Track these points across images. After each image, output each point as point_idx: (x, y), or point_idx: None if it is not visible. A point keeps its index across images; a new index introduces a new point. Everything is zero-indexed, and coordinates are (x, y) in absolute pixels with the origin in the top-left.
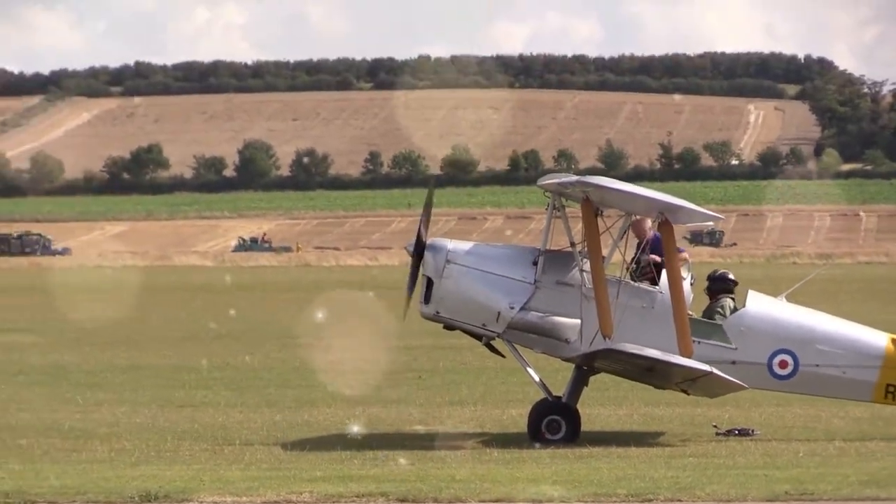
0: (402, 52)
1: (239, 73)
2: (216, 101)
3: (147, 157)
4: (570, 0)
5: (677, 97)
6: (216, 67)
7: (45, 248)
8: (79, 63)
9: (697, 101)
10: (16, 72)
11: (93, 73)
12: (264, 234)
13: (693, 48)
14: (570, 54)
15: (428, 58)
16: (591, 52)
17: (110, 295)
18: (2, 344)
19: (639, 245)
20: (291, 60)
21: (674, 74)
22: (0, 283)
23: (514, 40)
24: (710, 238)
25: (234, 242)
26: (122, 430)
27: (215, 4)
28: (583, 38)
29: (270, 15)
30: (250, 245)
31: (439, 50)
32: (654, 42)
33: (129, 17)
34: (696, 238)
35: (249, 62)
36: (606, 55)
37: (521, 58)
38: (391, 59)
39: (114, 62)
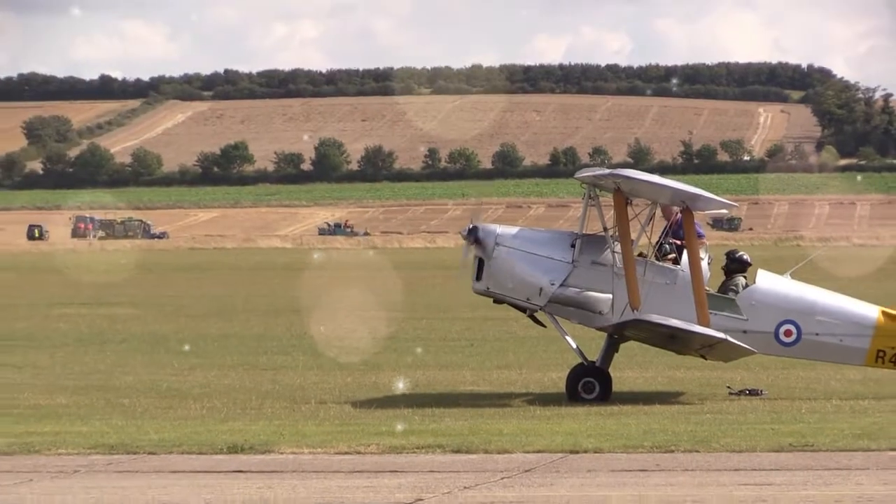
0: (457, 61)
1: (314, 80)
2: (295, 104)
3: (234, 153)
4: (603, 16)
5: (697, 101)
6: (294, 75)
7: (145, 232)
8: (174, 71)
9: (714, 105)
10: (119, 78)
11: (187, 79)
12: (346, 220)
13: (710, 59)
14: (603, 64)
15: (480, 66)
16: (622, 62)
17: (202, 273)
18: (108, 316)
19: (666, 227)
20: (360, 69)
21: (693, 82)
22: (105, 264)
23: (555, 52)
24: (730, 224)
25: (320, 226)
26: (212, 390)
27: (293, 20)
28: (614, 49)
29: (341, 29)
30: (334, 229)
31: (489, 59)
32: (676, 53)
33: (218, 30)
34: (717, 224)
35: (324, 70)
36: (635, 65)
37: (561, 67)
38: (448, 68)
39: (205, 70)
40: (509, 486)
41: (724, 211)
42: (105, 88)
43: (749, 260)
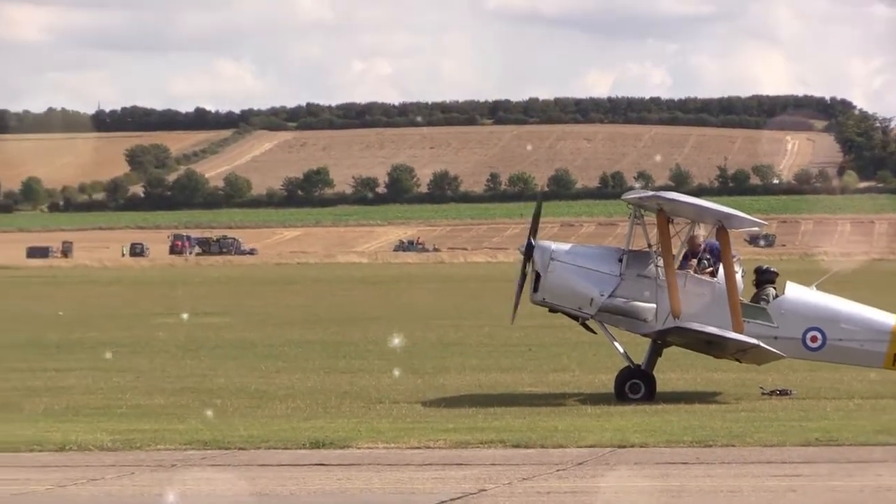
0: (516, 94)
1: (388, 111)
2: (370, 133)
3: (316, 178)
4: (645, 54)
5: (731, 130)
6: (370, 107)
7: (236, 248)
8: (262, 104)
9: (747, 134)
10: (212, 110)
11: (273, 112)
12: (418, 238)
13: (743, 92)
14: (646, 97)
15: (536, 99)
16: (664, 95)
17: (287, 286)
18: (203, 324)
19: (693, 254)
20: (429, 101)
21: (728, 112)
22: (202, 276)
23: (603, 86)
24: (766, 240)
25: (396, 244)
26: (295, 391)
27: (369, 57)
28: (656, 83)
29: (412, 66)
30: (408, 246)
31: (544, 93)
32: (712, 87)
33: (301, 67)
34: (754, 241)
35: (396, 103)
36: (675, 97)
37: (609, 99)
38: (507, 101)
39: (290, 103)
40: (564, 478)
41: (756, 228)
42: (200, 120)
43: (776, 271)
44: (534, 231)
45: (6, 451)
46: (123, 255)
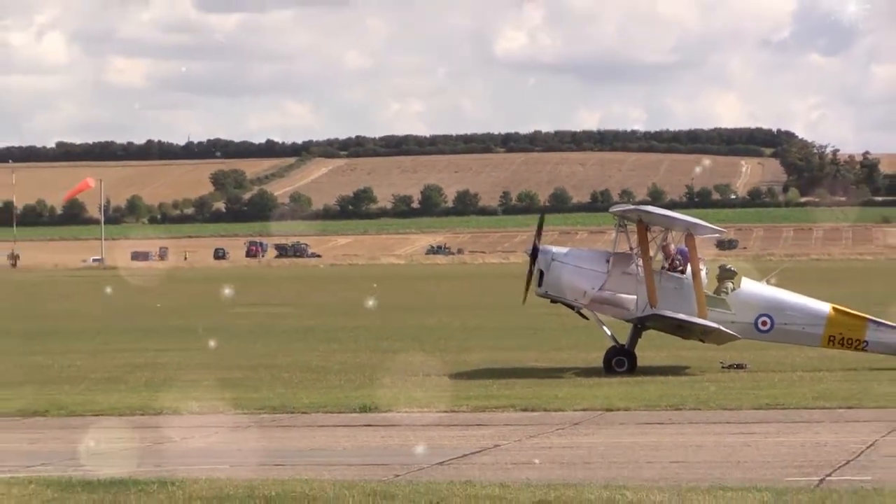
0: (523, 128)
1: (420, 142)
2: (406, 160)
3: (363, 196)
4: (626, 95)
5: (696, 156)
6: (405, 139)
7: (305, 252)
8: (320, 136)
9: (709, 160)
10: (280, 142)
11: (328, 143)
12: (444, 243)
13: (706, 125)
14: (628, 129)
15: (539, 132)
16: (641, 129)
17: (340, 282)
18: (272, 314)
19: (671, 251)
20: (453, 134)
21: (694, 142)
22: (278, 275)
23: (592, 121)
24: (729, 245)
25: (427, 248)
26: (347, 367)
27: (403, 98)
28: (635, 119)
29: (438, 105)
30: (437, 250)
31: (546, 126)
32: (680, 121)
33: (350, 106)
34: (721, 245)
35: (427, 135)
36: (651, 130)
37: (598, 132)
38: (516, 133)
39: (342, 135)
40: (562, 436)
41: (717, 234)
42: (270, 149)
43: (734, 269)
44: (538, 237)
45: (116, 415)
46: (184, 258)
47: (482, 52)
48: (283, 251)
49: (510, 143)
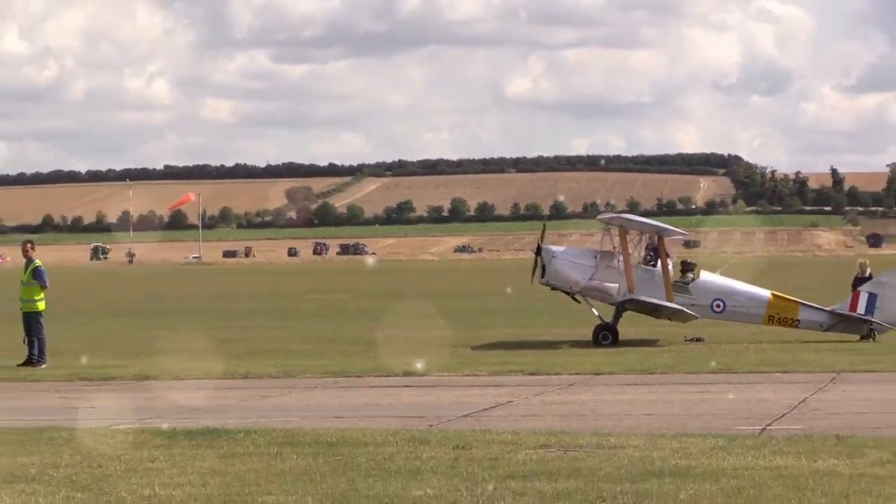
0: (529, 153)
1: (449, 164)
2: (438, 178)
3: (404, 206)
4: (609, 127)
5: (664, 175)
6: (438, 162)
7: (363, 251)
8: (370, 159)
9: (675, 178)
10: (339, 164)
11: (377, 165)
12: (469, 244)
13: (672, 151)
14: (610, 154)
15: (542, 156)
16: (622, 154)
17: (387, 274)
18: (333, 299)
19: (646, 249)
20: (474, 157)
21: (662, 164)
22: (338, 268)
23: (582, 146)
24: (694, 244)
25: (455, 247)
26: (393, 340)
27: (435, 129)
28: (616, 146)
29: (463, 135)
30: (462, 249)
31: (547, 152)
32: (652, 148)
33: (394, 135)
34: (686, 244)
35: (454, 159)
36: (629, 154)
37: (588, 156)
38: (524, 157)
39: (388, 159)
40: (561, 394)
41: (681, 237)
42: (332, 170)
43: (694, 262)
44: (542, 239)
45: (210, 378)
46: (248, 255)
47: (496, 95)
48: (345, 250)
49: (519, 165)
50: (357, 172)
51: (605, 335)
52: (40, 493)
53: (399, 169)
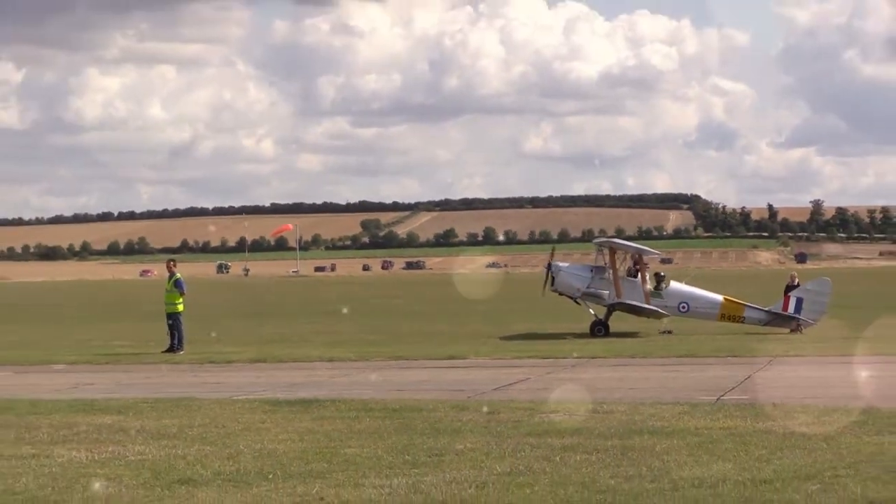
0: (541, 193)
1: (482, 203)
2: (475, 213)
3: (448, 234)
4: (602, 174)
5: (644, 211)
6: (474, 201)
7: (423, 266)
8: (423, 198)
9: (651, 212)
10: (401, 201)
11: (428, 202)
12: (497, 261)
13: (649, 191)
14: (602, 194)
15: (551, 196)
16: (611, 193)
17: (433, 283)
18: (390, 303)
19: (630, 265)
20: (501, 197)
21: (641, 201)
22: (400, 279)
23: (580, 188)
24: (668, 261)
25: (486, 263)
26: (440, 334)
27: (472, 175)
28: (607, 188)
29: (493, 180)
30: (492, 265)
31: (555, 192)
32: (634, 189)
33: (441, 180)
34: (663, 261)
35: (486, 198)
36: (616, 194)
37: (585, 195)
38: (537, 196)
39: (436, 198)
40: (566, 372)
41: (656, 256)
42: (395, 206)
43: (664, 274)
44: (551, 257)
45: (305, 361)
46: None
47: (516, 150)
48: (410, 265)
49: (534, 202)
50: (414, 208)
51: (600, 329)
52: (179, 446)
53: (445, 205)
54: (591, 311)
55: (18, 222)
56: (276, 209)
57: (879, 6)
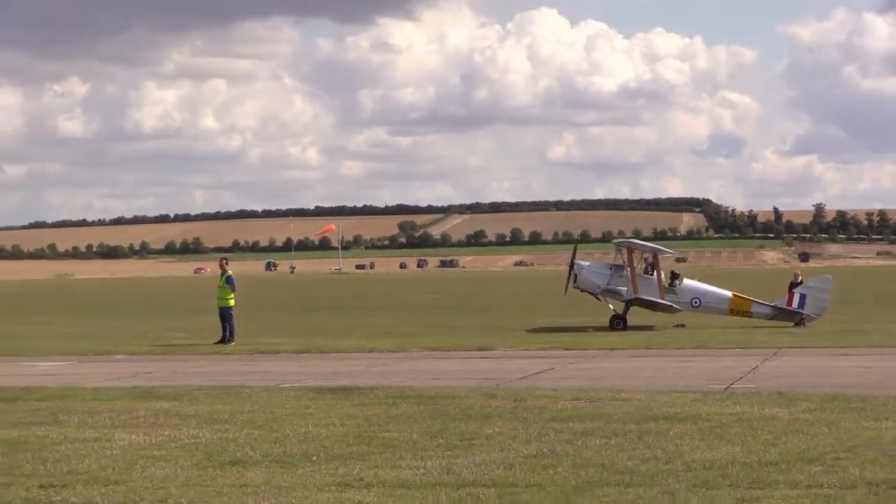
0: (565, 197)
1: (510, 205)
2: (503, 215)
3: (479, 234)
4: (620, 180)
5: (658, 214)
6: (501, 204)
7: (457, 265)
8: (455, 201)
9: (665, 214)
10: (435, 204)
11: (461, 206)
12: (524, 260)
13: (664, 195)
14: (621, 198)
15: (574, 199)
16: (630, 197)
17: (467, 280)
18: (431, 300)
19: (646, 264)
20: (528, 201)
21: (657, 205)
22: (434, 276)
23: (602, 192)
24: (680, 260)
25: (514, 262)
26: (470, 327)
27: (500, 181)
28: (625, 192)
29: (520, 185)
30: (520, 264)
31: (577, 196)
32: (650, 193)
33: (472, 185)
34: (677, 260)
35: (514, 201)
36: (634, 198)
37: (604, 199)
38: (560, 200)
39: (467, 201)
40: (588, 362)
41: (670, 255)
42: (429, 210)
43: (679, 273)
44: (574, 256)
45: (345, 352)
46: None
47: (541, 158)
48: (444, 264)
49: (558, 205)
50: (446, 211)
51: (618, 322)
52: (230, 430)
53: (476, 208)
54: (610, 306)
55: (82, 223)
56: (319, 212)
57: (875, 26)
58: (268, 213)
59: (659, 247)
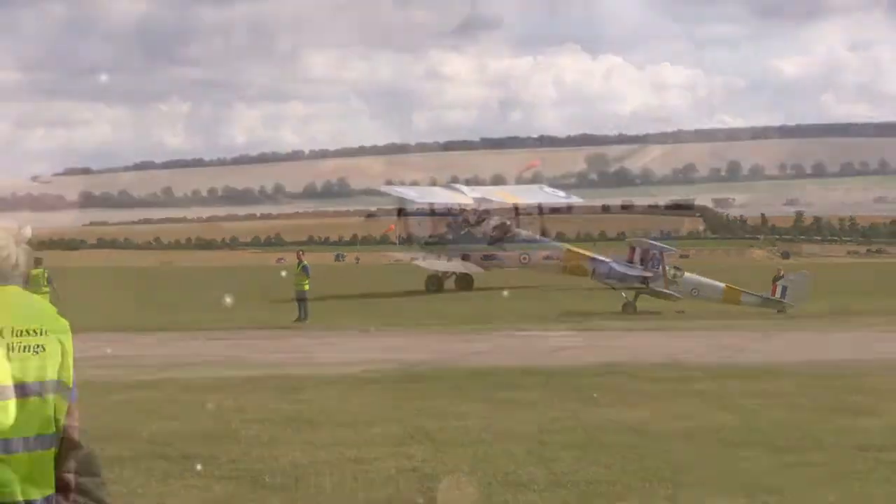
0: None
1: None
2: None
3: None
4: (633, 191)
5: (663, 218)
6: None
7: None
8: None
9: (669, 219)
10: None
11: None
12: (547, 255)
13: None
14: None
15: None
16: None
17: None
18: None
19: (655, 260)
20: None
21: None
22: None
23: (617, 199)
24: (684, 256)
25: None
26: (500, 312)
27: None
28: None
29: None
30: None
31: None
32: (659, 192)
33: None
34: (682, 256)
35: None
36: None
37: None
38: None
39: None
40: (606, 340)
41: (674, 252)
42: None
43: (680, 267)
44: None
45: (406, 326)
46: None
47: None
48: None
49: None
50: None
51: (630, 307)
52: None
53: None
54: (623, 294)
55: (182, 220)
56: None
57: (848, 62)
58: (338, 214)
59: (665, 245)
